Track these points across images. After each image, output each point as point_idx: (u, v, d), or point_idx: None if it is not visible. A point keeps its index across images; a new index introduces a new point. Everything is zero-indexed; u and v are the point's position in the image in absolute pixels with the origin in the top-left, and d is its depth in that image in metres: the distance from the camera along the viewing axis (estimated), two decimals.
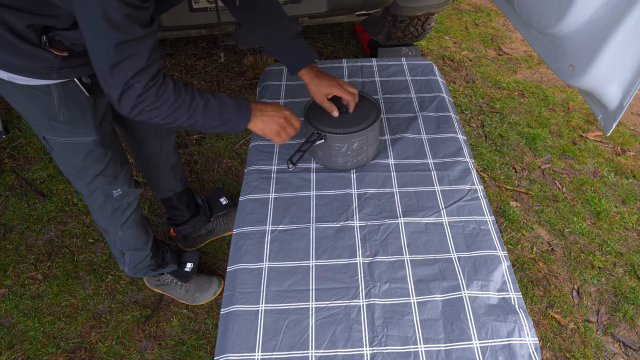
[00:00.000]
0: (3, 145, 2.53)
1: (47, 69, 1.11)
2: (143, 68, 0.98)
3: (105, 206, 1.46)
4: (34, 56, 1.07)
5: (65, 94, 1.18)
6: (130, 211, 1.51)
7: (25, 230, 2.14)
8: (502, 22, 3.59)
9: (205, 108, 1.14)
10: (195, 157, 2.47)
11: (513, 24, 1.48)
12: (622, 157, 2.51)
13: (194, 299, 1.84)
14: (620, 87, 1.05)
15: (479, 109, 2.79)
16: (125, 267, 1.67)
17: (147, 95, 1.02)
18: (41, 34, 1.05)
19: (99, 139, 1.31)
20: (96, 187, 1.40)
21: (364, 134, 1.38)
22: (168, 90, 1.06)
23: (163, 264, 1.75)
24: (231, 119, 1.20)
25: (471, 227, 1.30)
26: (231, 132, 1.23)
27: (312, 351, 1.05)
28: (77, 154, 1.31)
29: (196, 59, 3.10)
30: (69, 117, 1.22)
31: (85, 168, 1.34)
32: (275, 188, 1.43)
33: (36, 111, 1.20)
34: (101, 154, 1.33)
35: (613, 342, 1.77)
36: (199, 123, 1.14)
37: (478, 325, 1.08)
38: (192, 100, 1.11)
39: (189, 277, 1.83)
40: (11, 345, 1.76)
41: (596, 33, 1.02)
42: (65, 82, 1.16)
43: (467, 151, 1.54)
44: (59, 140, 1.27)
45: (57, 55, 1.09)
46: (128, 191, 1.47)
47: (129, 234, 1.56)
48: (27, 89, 1.15)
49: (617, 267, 1.99)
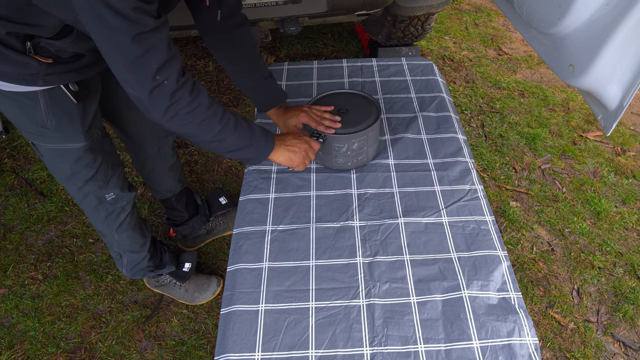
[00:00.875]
0: (3, 145, 2.53)
1: (32, 75, 1.07)
2: (167, 60, 0.92)
3: (99, 210, 1.44)
4: (18, 62, 1.04)
5: (52, 100, 1.15)
6: (125, 214, 1.50)
7: (25, 230, 2.14)
8: (502, 22, 3.59)
9: (237, 124, 1.10)
10: (195, 157, 2.47)
11: (513, 24, 1.48)
12: (622, 157, 2.51)
13: (193, 298, 1.84)
14: (620, 87, 1.05)
15: (479, 109, 2.79)
16: (123, 269, 1.67)
17: (182, 93, 0.96)
18: (25, 41, 1.02)
19: (88, 145, 1.28)
20: (88, 192, 1.38)
21: (364, 134, 1.38)
22: (202, 93, 1.02)
23: (161, 265, 1.75)
24: (259, 141, 1.18)
25: (471, 227, 1.30)
26: (255, 157, 1.20)
27: (312, 351, 1.05)
28: (66, 160, 1.29)
29: (196, 59, 3.10)
30: (57, 124, 1.19)
31: (75, 173, 1.32)
32: (275, 188, 1.43)
33: (23, 118, 1.18)
34: (91, 159, 1.31)
35: (613, 342, 1.77)
36: (228, 140, 1.10)
37: (478, 325, 1.08)
38: (224, 112, 1.07)
39: (187, 278, 1.83)
40: (11, 345, 1.76)
41: (596, 33, 1.02)
42: (51, 88, 1.14)
43: (467, 151, 1.54)
44: (47, 146, 1.25)
45: (42, 62, 1.06)
46: (121, 195, 1.45)
47: (124, 236, 1.55)
48: (13, 96, 1.12)
49: (617, 267, 1.99)
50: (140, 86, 0.93)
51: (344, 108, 1.44)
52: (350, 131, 1.37)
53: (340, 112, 1.43)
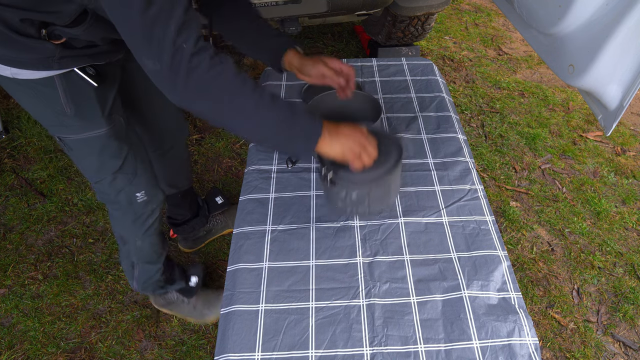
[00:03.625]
0: (3, 145, 2.53)
1: (47, 59, 1.07)
2: (185, 21, 0.84)
3: (127, 213, 1.42)
4: (32, 48, 1.04)
5: (70, 86, 1.15)
6: (153, 218, 1.47)
7: (25, 230, 2.14)
8: (502, 22, 3.59)
9: (274, 99, 0.94)
10: (195, 157, 2.47)
11: (513, 24, 1.48)
12: (622, 157, 2.51)
13: (202, 315, 1.78)
14: (620, 87, 1.05)
15: (479, 109, 2.79)
16: (133, 282, 1.62)
17: (201, 57, 0.85)
18: (40, 29, 1.02)
19: (111, 131, 1.26)
20: (120, 189, 1.35)
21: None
22: (227, 60, 0.89)
23: (171, 280, 1.71)
24: (304, 123, 0.99)
25: (471, 227, 1.30)
26: (300, 145, 1.00)
27: (312, 351, 1.05)
28: (92, 151, 1.27)
29: None
30: (76, 110, 1.18)
31: (102, 165, 1.30)
32: (276, 188, 1.43)
33: (43, 108, 1.18)
34: (116, 148, 1.29)
35: (613, 342, 1.77)
36: (267, 119, 0.93)
37: (478, 325, 1.08)
38: (256, 84, 0.91)
39: (194, 293, 1.77)
40: (11, 345, 1.76)
41: (596, 33, 1.02)
42: (68, 74, 1.13)
43: (467, 151, 1.54)
44: (71, 138, 1.23)
45: (57, 44, 1.05)
46: (151, 193, 1.42)
47: (147, 243, 1.51)
48: (31, 85, 1.12)
49: (617, 267, 1.99)
50: (161, 52, 0.83)
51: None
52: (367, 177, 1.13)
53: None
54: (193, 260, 2.02)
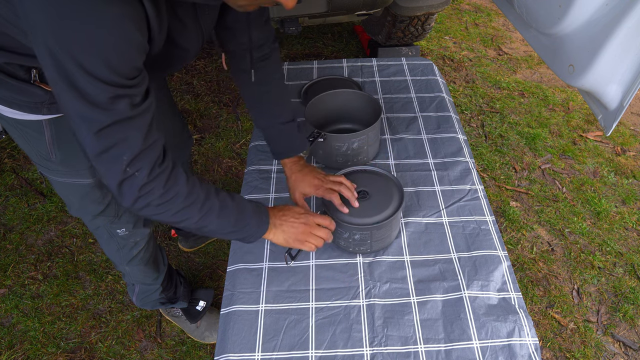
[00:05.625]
0: (3, 145, 2.53)
1: (36, 103, 1.00)
2: (141, 151, 0.81)
3: (110, 242, 1.37)
4: (22, 90, 0.97)
5: (58, 132, 1.07)
6: (137, 249, 1.40)
7: (25, 230, 2.14)
8: (502, 22, 3.59)
9: (221, 211, 0.99)
10: (195, 157, 2.47)
11: (513, 24, 1.48)
12: (622, 157, 2.51)
13: (203, 337, 1.77)
14: (620, 87, 1.05)
15: (479, 109, 2.79)
16: (133, 297, 1.60)
17: (153, 186, 0.85)
18: (30, 69, 0.96)
19: (95, 182, 1.19)
20: (98, 225, 1.31)
21: (364, 134, 1.38)
22: (180, 182, 0.90)
23: (174, 298, 1.67)
24: (249, 225, 1.04)
25: (471, 227, 1.30)
26: (244, 239, 1.08)
27: (312, 351, 1.05)
28: (74, 194, 1.22)
29: (196, 58, 3.10)
30: (62, 158, 1.11)
31: (83, 207, 1.25)
32: (276, 188, 1.43)
33: (28, 149, 1.12)
34: (99, 195, 1.22)
35: (613, 342, 1.77)
36: (211, 227, 0.99)
37: (478, 325, 1.08)
38: (206, 197, 0.96)
39: (199, 318, 1.74)
40: (11, 345, 1.76)
41: (596, 33, 1.02)
42: (57, 119, 1.06)
43: (468, 151, 1.54)
44: (53, 179, 1.18)
45: (48, 90, 0.98)
46: (134, 231, 1.35)
47: (136, 270, 1.47)
48: (17, 125, 1.06)
49: (617, 267, 1.99)
50: (109, 176, 0.82)
51: (363, 192, 1.24)
52: (369, 222, 1.18)
53: (360, 196, 1.23)
54: (201, 285, 1.97)
